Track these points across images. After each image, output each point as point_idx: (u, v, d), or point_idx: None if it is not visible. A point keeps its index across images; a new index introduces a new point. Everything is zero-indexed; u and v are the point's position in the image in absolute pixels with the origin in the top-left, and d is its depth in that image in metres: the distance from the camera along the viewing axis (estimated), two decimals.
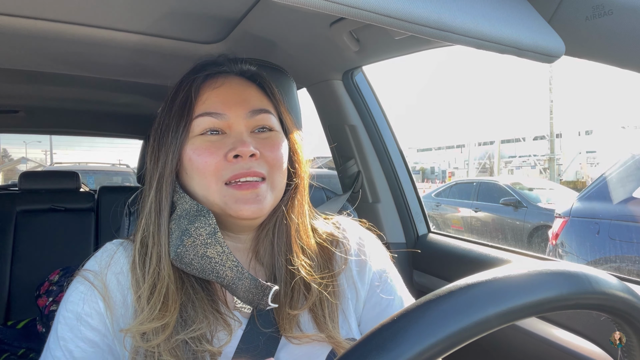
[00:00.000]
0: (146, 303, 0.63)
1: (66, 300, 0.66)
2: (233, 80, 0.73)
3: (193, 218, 0.65)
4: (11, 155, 34.27)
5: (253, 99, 0.72)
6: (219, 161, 0.66)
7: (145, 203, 0.70)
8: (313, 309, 0.70)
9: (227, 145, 0.67)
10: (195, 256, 0.64)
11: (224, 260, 0.64)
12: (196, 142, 0.68)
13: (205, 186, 0.67)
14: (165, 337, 0.61)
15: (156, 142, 0.71)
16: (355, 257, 0.78)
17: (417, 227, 1.54)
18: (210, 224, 0.65)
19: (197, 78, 0.72)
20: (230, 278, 0.64)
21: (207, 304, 0.66)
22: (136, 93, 1.91)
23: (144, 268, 0.66)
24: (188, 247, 0.64)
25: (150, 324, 0.61)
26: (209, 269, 0.64)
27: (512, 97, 40.04)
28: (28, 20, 1.01)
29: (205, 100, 0.70)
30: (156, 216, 0.68)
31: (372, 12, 0.48)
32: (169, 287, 0.64)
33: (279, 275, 0.72)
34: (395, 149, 1.55)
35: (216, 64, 0.75)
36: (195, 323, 0.63)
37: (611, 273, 0.52)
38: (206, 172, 0.66)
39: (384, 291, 0.76)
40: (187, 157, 0.68)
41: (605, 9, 0.60)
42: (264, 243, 0.74)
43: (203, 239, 0.64)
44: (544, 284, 0.38)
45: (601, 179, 4.13)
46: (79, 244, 2.44)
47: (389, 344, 0.34)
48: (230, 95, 0.71)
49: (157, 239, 0.66)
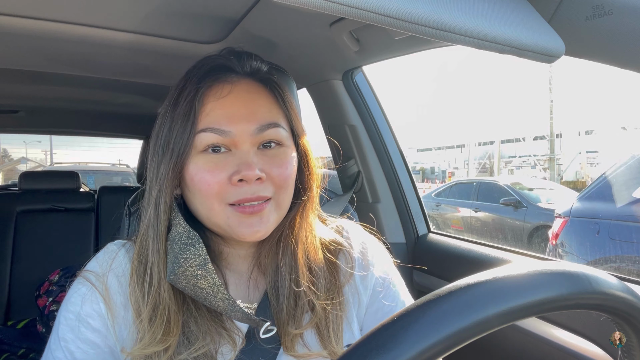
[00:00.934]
0: (148, 326, 0.61)
1: (67, 301, 0.65)
2: (241, 87, 0.67)
3: (184, 247, 0.62)
4: (11, 155, 34.26)
5: (262, 111, 0.66)
6: (222, 183, 0.62)
7: (143, 216, 0.67)
8: (318, 324, 0.68)
9: (231, 165, 0.62)
10: (187, 285, 0.62)
11: (215, 292, 0.61)
12: (199, 160, 0.63)
13: (208, 207, 0.63)
14: (168, 358, 0.60)
15: (157, 153, 0.66)
16: (358, 264, 0.76)
17: (417, 227, 1.54)
18: (200, 254, 0.62)
19: (200, 88, 0.65)
20: (222, 309, 0.62)
21: (209, 320, 0.64)
22: (136, 93, 1.91)
23: (144, 287, 0.64)
24: (180, 275, 0.62)
25: (153, 347, 0.60)
26: (201, 298, 0.62)
27: (512, 97, 40.05)
28: (28, 20, 1.01)
29: (209, 112, 0.64)
30: (154, 234, 0.64)
31: (372, 12, 0.48)
32: (170, 308, 0.62)
33: (282, 290, 0.69)
34: (395, 149, 1.55)
35: (223, 68, 0.68)
36: (198, 341, 0.62)
37: (611, 273, 0.52)
38: (209, 194, 0.62)
39: (386, 297, 0.75)
40: (190, 175, 0.64)
41: (605, 9, 0.60)
42: (267, 256, 0.72)
43: (193, 270, 0.61)
44: (544, 284, 0.38)
45: (601, 179, 4.13)
46: (79, 244, 2.44)
47: (389, 344, 0.34)
48: (236, 108, 0.64)
49: (155, 259, 0.64)
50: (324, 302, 0.69)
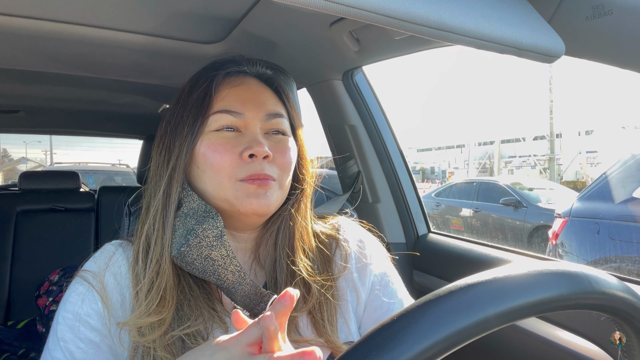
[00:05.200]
0: (144, 298, 0.63)
1: (65, 301, 0.66)
2: (251, 82, 0.74)
3: (201, 219, 0.65)
4: (11, 155, 34.26)
5: (270, 102, 0.73)
6: (234, 159, 0.67)
7: (151, 199, 0.70)
8: (312, 312, 0.70)
9: (242, 143, 0.68)
10: (199, 257, 0.64)
11: (227, 264, 0.64)
12: (212, 137, 0.68)
13: (218, 182, 0.67)
14: (161, 333, 0.61)
15: (168, 136, 0.71)
16: (355, 260, 0.77)
17: (417, 227, 1.54)
18: (217, 226, 0.65)
19: (217, 74, 0.72)
20: (230, 282, 0.65)
21: (202, 302, 0.66)
22: (136, 93, 1.91)
23: (146, 262, 0.66)
24: (193, 247, 0.64)
25: (147, 318, 0.62)
26: (210, 270, 0.64)
27: (512, 97, 40.07)
28: (28, 20, 1.01)
29: (224, 97, 0.70)
30: (163, 211, 0.68)
31: (372, 12, 0.48)
32: (168, 283, 0.64)
33: (280, 277, 0.71)
34: (395, 149, 1.55)
35: (236, 63, 0.75)
36: (190, 320, 0.63)
37: (611, 273, 0.52)
38: (220, 169, 0.67)
39: (385, 294, 0.76)
40: (201, 152, 0.68)
41: (605, 9, 0.60)
42: (266, 244, 0.74)
43: (209, 241, 0.64)
44: (544, 284, 0.38)
45: (601, 179, 4.13)
46: (79, 244, 2.44)
47: (389, 344, 0.34)
48: (248, 96, 0.71)
49: (161, 235, 0.67)
50: (318, 286, 0.71)
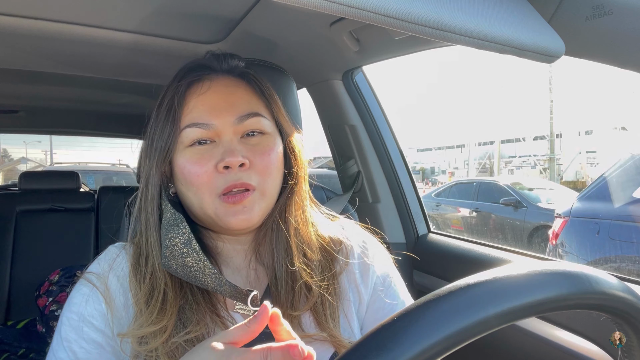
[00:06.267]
0: (145, 306, 0.63)
1: (70, 302, 0.67)
2: (220, 83, 0.71)
3: (169, 228, 0.65)
4: (11, 155, 34.21)
5: (240, 102, 0.70)
6: (210, 172, 0.66)
7: (137, 208, 0.70)
8: (315, 309, 0.70)
9: (216, 155, 0.66)
10: (178, 266, 0.64)
11: (202, 269, 0.63)
12: (187, 154, 0.67)
13: (200, 198, 0.67)
14: (163, 340, 0.61)
15: (147, 148, 0.71)
16: (358, 260, 0.77)
17: (417, 227, 1.54)
18: (183, 232, 0.64)
19: (179, 86, 0.70)
20: (211, 285, 0.64)
21: (205, 307, 0.66)
22: (136, 93, 1.91)
23: (140, 275, 0.66)
24: (169, 257, 0.64)
25: (148, 328, 0.61)
26: (192, 277, 0.64)
27: (512, 97, 40.02)
28: (28, 20, 1.01)
29: (192, 109, 0.68)
30: (146, 223, 0.68)
31: (372, 12, 0.48)
32: (166, 293, 0.64)
33: (279, 275, 0.71)
34: (395, 149, 1.55)
35: (200, 67, 0.73)
36: (192, 324, 0.63)
37: (611, 273, 0.52)
38: (200, 185, 0.66)
39: (387, 296, 0.76)
40: (180, 168, 0.68)
41: (605, 9, 0.60)
42: (264, 244, 0.74)
43: (179, 249, 0.63)
44: (544, 284, 0.38)
45: (601, 179, 4.13)
46: (79, 244, 2.44)
47: (389, 344, 0.34)
48: (216, 101, 0.69)
49: (149, 248, 0.67)
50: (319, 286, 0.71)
